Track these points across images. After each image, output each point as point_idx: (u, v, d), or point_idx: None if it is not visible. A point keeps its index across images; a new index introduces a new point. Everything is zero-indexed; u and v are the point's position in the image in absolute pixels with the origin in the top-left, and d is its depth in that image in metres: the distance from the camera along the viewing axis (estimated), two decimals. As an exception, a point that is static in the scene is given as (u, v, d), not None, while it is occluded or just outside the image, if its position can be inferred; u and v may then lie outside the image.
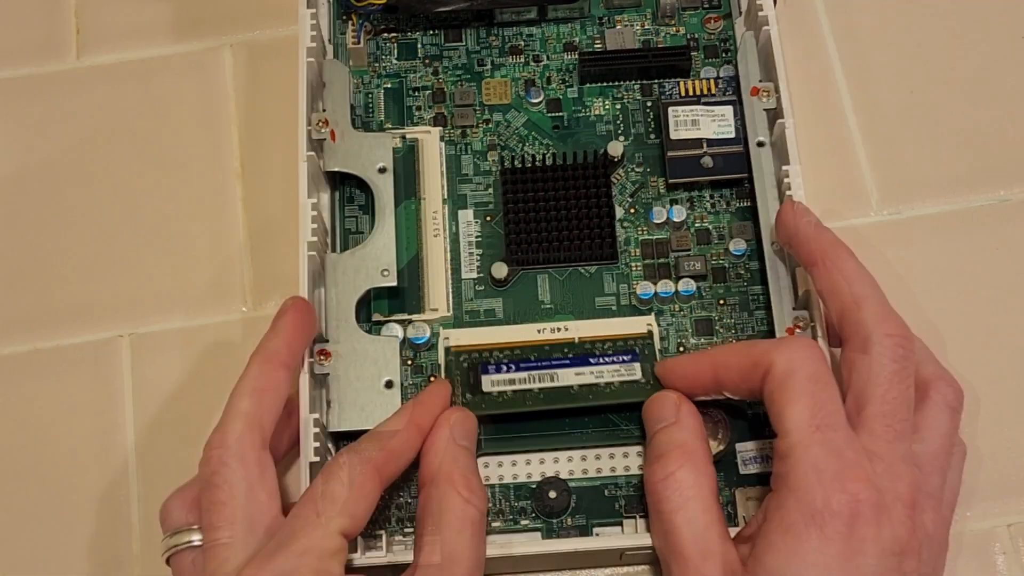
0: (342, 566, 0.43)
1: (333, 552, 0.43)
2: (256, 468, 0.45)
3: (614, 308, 0.53)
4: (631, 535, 0.49)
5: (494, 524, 0.50)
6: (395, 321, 0.53)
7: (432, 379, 0.52)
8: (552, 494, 0.50)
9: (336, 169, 0.54)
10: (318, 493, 0.44)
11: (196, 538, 0.45)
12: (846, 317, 0.46)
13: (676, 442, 0.46)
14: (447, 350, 0.52)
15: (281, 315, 0.48)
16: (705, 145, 0.55)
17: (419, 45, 0.58)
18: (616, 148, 0.55)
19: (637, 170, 0.56)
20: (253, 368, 0.47)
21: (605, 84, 0.57)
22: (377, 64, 0.58)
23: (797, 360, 0.44)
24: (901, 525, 0.42)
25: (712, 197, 0.55)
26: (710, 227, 0.54)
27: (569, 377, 0.50)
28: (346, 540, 0.43)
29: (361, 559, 0.48)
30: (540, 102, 0.57)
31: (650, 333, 0.51)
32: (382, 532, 0.49)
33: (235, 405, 0.46)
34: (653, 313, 0.53)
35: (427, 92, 0.57)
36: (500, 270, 0.53)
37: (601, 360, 0.51)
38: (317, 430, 0.48)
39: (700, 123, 0.55)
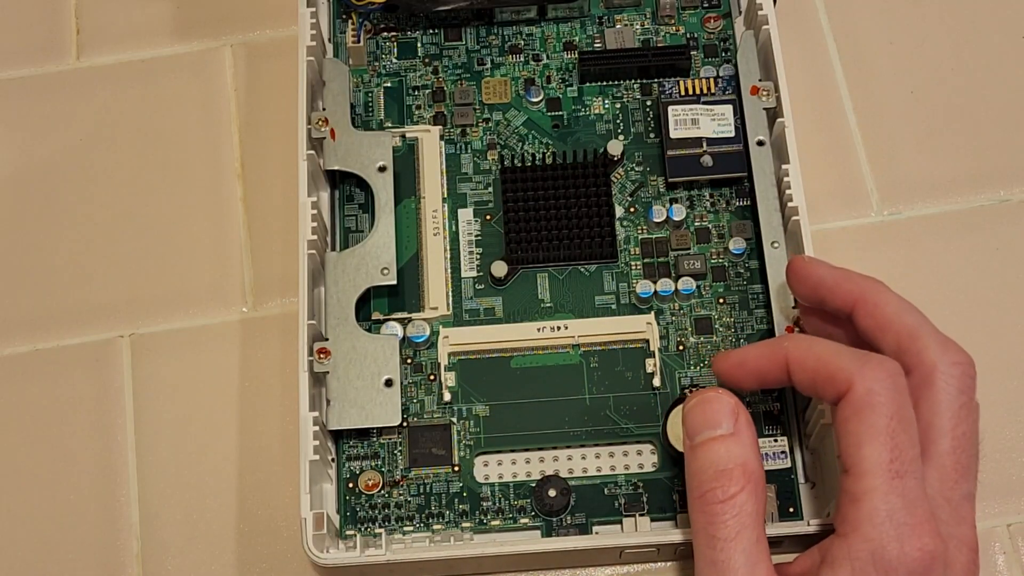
0: None
1: None
2: None
3: (614, 307, 0.53)
4: (631, 533, 0.49)
5: (493, 523, 0.50)
6: (395, 320, 0.53)
7: (431, 378, 0.52)
8: (552, 492, 0.50)
9: (336, 168, 0.54)
10: None
11: None
12: (904, 349, 0.43)
13: (737, 459, 0.42)
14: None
15: None
16: (705, 144, 0.55)
17: (419, 44, 0.58)
18: (616, 147, 0.55)
19: (637, 169, 0.56)
20: None
21: (605, 83, 0.57)
22: (377, 63, 0.58)
23: (878, 391, 0.41)
24: (964, 570, 0.41)
25: (712, 196, 0.55)
26: (710, 226, 0.54)
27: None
28: None
29: (360, 557, 0.48)
30: (540, 101, 0.57)
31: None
32: (381, 531, 0.49)
33: None
34: (653, 312, 0.53)
35: (427, 91, 0.57)
36: (500, 269, 0.53)
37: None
38: (316, 428, 0.48)
39: (700, 122, 0.55)
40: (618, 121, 0.56)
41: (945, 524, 0.41)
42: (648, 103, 0.57)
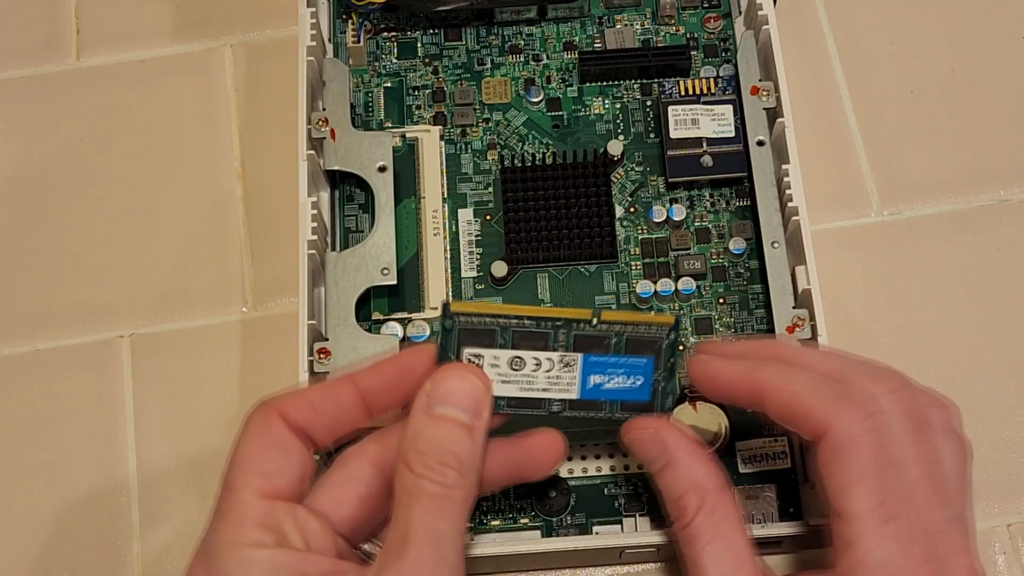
0: (272, 530, 0.39)
1: (255, 520, 0.39)
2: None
3: (614, 307, 0.53)
4: (631, 533, 0.49)
5: (494, 523, 0.50)
6: (395, 320, 0.53)
7: None
8: (552, 493, 0.50)
9: (336, 168, 0.54)
10: (227, 465, 0.41)
11: None
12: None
13: (682, 484, 0.43)
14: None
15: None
16: (705, 144, 0.55)
17: (419, 44, 0.58)
18: (616, 147, 0.55)
19: (637, 169, 0.56)
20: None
21: (605, 83, 0.57)
22: (377, 63, 0.58)
23: (858, 432, 0.40)
24: None
25: (712, 196, 0.55)
26: (710, 226, 0.54)
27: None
28: (271, 500, 0.40)
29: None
30: (540, 101, 0.57)
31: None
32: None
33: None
34: (653, 312, 0.53)
35: (427, 91, 0.57)
36: (500, 269, 0.53)
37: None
38: (316, 428, 0.48)
39: (700, 122, 0.55)
40: (618, 121, 0.56)
41: (940, 561, 0.40)
42: (648, 103, 0.57)
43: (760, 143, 0.54)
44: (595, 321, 0.44)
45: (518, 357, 0.44)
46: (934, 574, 0.39)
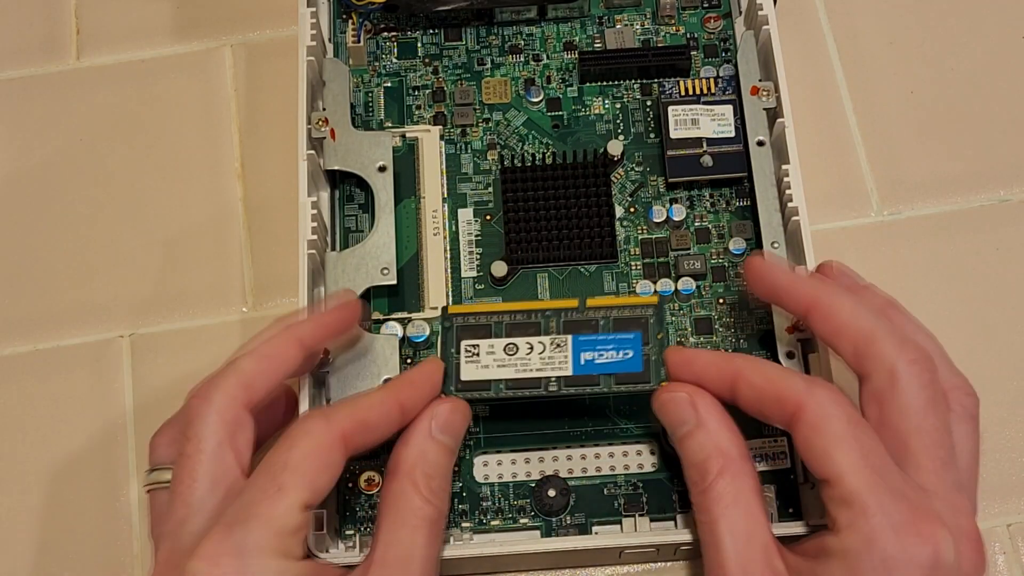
0: (303, 544, 0.42)
1: (294, 529, 0.41)
2: (230, 427, 0.43)
3: (613, 306, 0.53)
4: (630, 534, 0.49)
5: (493, 523, 0.50)
6: (394, 319, 0.53)
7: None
8: (551, 492, 0.50)
9: (336, 168, 0.54)
10: (279, 462, 0.41)
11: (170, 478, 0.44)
12: (861, 354, 0.43)
13: (707, 449, 0.43)
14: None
15: (327, 305, 0.48)
16: (705, 144, 0.55)
17: (419, 44, 0.58)
18: (616, 147, 0.55)
19: (637, 169, 0.56)
20: (270, 333, 0.45)
21: (605, 83, 0.57)
22: (377, 63, 0.58)
23: (829, 406, 0.42)
24: (970, 562, 0.40)
25: (712, 196, 0.55)
26: (710, 226, 0.54)
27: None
28: (307, 514, 0.41)
29: (360, 557, 0.47)
30: (540, 101, 0.57)
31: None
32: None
33: (235, 361, 0.45)
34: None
35: (427, 91, 0.57)
36: (500, 269, 0.53)
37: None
38: (316, 428, 0.48)
39: (700, 122, 0.55)
40: (618, 121, 0.56)
41: (944, 516, 0.40)
42: (648, 103, 0.57)
43: (760, 143, 0.54)
44: (582, 308, 0.48)
45: (512, 343, 0.47)
46: (935, 521, 0.40)
